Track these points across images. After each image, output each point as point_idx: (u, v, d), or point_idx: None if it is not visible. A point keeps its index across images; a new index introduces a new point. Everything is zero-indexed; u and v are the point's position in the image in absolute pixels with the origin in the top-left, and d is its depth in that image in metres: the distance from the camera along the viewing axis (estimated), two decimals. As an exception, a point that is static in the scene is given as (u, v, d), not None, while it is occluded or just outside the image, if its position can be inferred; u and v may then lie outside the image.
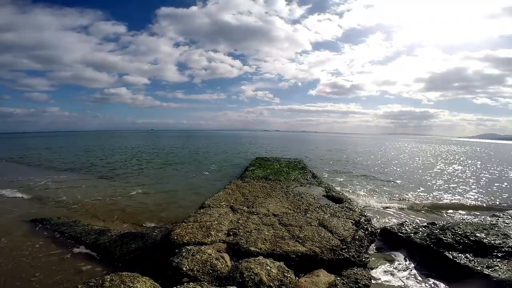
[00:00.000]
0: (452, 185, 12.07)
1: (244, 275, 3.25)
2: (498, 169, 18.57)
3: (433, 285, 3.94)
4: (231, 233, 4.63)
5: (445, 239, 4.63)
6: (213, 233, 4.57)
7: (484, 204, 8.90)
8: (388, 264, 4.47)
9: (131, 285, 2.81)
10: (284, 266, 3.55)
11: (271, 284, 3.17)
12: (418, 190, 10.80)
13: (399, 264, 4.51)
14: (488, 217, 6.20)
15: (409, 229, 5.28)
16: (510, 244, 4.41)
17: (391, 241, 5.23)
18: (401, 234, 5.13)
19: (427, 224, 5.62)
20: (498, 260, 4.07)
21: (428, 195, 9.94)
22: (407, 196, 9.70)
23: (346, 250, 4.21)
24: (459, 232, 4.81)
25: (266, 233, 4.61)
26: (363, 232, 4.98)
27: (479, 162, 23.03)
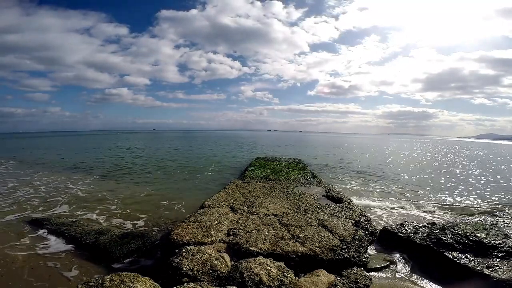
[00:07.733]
0: (452, 185, 12.08)
1: (244, 275, 3.25)
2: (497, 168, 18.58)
3: (433, 285, 3.94)
4: (231, 233, 4.62)
5: (445, 239, 4.62)
6: (213, 233, 4.57)
7: (484, 204, 8.90)
8: (388, 264, 4.46)
9: (131, 285, 2.80)
10: (284, 266, 3.55)
11: (271, 284, 3.17)
12: (419, 190, 10.80)
13: (399, 264, 4.51)
14: (488, 217, 6.19)
15: (409, 229, 5.27)
16: (510, 244, 4.40)
17: (391, 241, 5.23)
18: (401, 234, 5.12)
19: (427, 224, 5.62)
20: (498, 260, 4.07)
21: (428, 195, 9.94)
22: (407, 196, 9.70)
23: (346, 250, 4.21)
24: (459, 232, 4.81)
25: (266, 233, 4.61)
26: (363, 232, 4.98)
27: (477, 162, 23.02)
